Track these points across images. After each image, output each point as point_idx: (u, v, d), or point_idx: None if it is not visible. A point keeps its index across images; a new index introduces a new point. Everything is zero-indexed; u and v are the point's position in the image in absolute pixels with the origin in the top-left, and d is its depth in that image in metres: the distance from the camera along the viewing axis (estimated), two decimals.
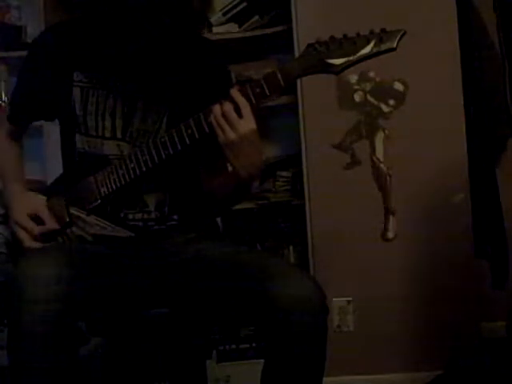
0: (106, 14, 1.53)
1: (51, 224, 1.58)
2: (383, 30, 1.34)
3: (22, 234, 1.57)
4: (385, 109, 2.40)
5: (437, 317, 2.37)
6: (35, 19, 2.65)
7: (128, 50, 1.59)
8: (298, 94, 2.42)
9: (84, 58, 1.60)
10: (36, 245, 1.56)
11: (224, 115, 1.41)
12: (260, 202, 2.63)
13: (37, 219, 1.58)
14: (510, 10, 2.36)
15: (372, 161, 2.42)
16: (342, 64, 1.36)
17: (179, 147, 1.47)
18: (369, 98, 2.40)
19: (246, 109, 1.40)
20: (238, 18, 2.61)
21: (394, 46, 1.33)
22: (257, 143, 1.43)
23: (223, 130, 1.41)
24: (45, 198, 1.63)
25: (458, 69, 2.36)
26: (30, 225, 1.57)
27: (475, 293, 2.37)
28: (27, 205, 1.59)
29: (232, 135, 1.41)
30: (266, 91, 1.40)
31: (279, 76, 1.39)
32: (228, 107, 1.41)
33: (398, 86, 2.38)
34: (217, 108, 1.42)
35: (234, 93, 1.42)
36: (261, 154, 1.45)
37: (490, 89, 2.49)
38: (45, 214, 1.58)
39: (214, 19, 2.63)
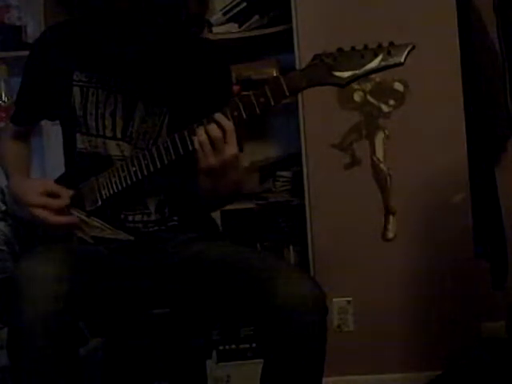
0: (105, 14, 1.53)
1: (65, 194, 1.55)
2: (391, 44, 1.33)
3: (42, 213, 1.52)
4: (385, 109, 2.40)
5: (437, 317, 2.37)
6: (35, 19, 2.65)
7: (128, 50, 1.59)
8: (298, 94, 2.42)
9: (84, 57, 1.60)
10: (61, 219, 1.53)
11: (212, 141, 1.39)
12: (260, 202, 2.63)
13: (52, 196, 1.55)
14: (510, 10, 2.36)
15: (372, 161, 2.42)
16: (348, 77, 1.35)
17: (181, 152, 1.46)
18: (369, 98, 2.40)
19: (231, 134, 1.39)
20: (238, 18, 2.61)
21: (402, 60, 1.33)
22: (237, 166, 1.43)
23: (206, 156, 1.40)
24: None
25: (458, 69, 2.36)
26: (47, 201, 1.53)
27: (475, 293, 2.37)
28: (36, 186, 1.56)
29: (214, 162, 1.39)
30: (271, 101, 1.39)
31: (284, 86, 1.38)
32: (217, 133, 1.38)
33: (398, 86, 2.38)
34: (201, 132, 1.40)
35: (219, 117, 1.39)
36: (241, 174, 1.47)
37: (490, 89, 2.49)
38: (56, 188, 1.56)
39: (213, 19, 2.63)
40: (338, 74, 1.35)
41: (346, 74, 1.35)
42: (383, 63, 1.33)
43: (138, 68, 1.59)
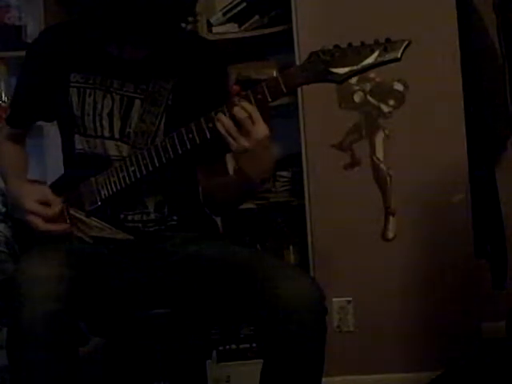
0: (103, 15, 1.53)
1: (57, 203, 1.56)
2: (388, 40, 1.33)
3: (35, 220, 1.54)
4: (385, 109, 2.40)
5: (437, 317, 2.37)
6: (35, 19, 2.65)
7: (125, 51, 1.59)
8: (298, 94, 2.42)
9: (81, 59, 1.60)
10: (51, 227, 1.54)
11: (239, 124, 1.39)
12: (260, 202, 2.63)
13: (46, 204, 1.56)
14: (510, 10, 2.36)
15: (372, 161, 2.41)
16: (345, 73, 1.35)
17: (180, 151, 1.47)
18: (369, 98, 2.40)
19: (255, 114, 1.39)
20: (238, 18, 2.61)
21: (399, 56, 1.33)
22: (270, 148, 1.43)
23: (236, 139, 1.39)
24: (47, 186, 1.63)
25: (458, 69, 2.36)
26: (41, 209, 1.54)
27: (475, 293, 2.37)
28: (33, 192, 1.57)
29: (246, 143, 1.39)
30: (268, 97, 1.39)
31: (281, 82, 1.38)
32: (243, 115, 1.38)
33: (398, 86, 2.38)
34: (224, 117, 1.40)
35: (242, 100, 1.40)
36: (272, 156, 1.46)
37: (490, 89, 2.49)
38: (49, 196, 1.56)
39: (213, 19, 2.63)
40: (334, 70, 1.36)
41: (343, 71, 1.35)
42: (380, 59, 1.33)
43: (136, 68, 1.59)
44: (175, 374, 1.94)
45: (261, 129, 1.39)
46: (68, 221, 1.57)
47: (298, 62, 2.38)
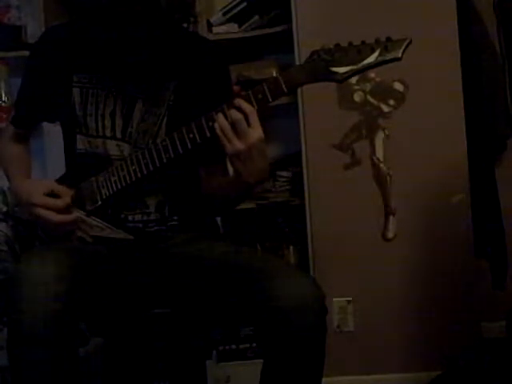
0: (104, 15, 1.53)
1: (67, 194, 1.54)
2: (388, 39, 1.33)
3: (46, 213, 1.52)
4: (385, 109, 2.40)
5: (437, 317, 2.37)
6: (35, 19, 2.65)
7: (127, 51, 1.58)
8: (298, 94, 2.42)
9: (84, 59, 1.60)
10: (64, 218, 1.52)
11: (233, 125, 1.38)
12: (260, 202, 2.63)
13: (53, 196, 1.55)
14: (510, 9, 2.36)
15: (372, 161, 2.42)
16: (346, 72, 1.35)
17: (180, 151, 1.46)
18: (369, 98, 2.40)
19: (253, 117, 1.38)
20: (238, 18, 2.61)
21: (400, 55, 1.32)
22: (264, 150, 1.42)
23: (230, 141, 1.38)
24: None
25: (457, 69, 2.36)
26: (49, 201, 1.52)
27: (475, 293, 2.37)
28: (39, 187, 1.56)
29: (241, 146, 1.38)
30: (269, 97, 1.39)
31: (282, 82, 1.38)
32: (238, 116, 1.37)
33: (398, 86, 2.38)
34: (221, 118, 1.40)
35: (240, 101, 1.39)
36: (267, 159, 1.44)
37: (490, 89, 2.49)
38: (58, 188, 1.55)
39: (213, 19, 2.63)
40: (335, 69, 1.35)
41: (344, 70, 1.35)
42: (380, 58, 1.33)
43: (138, 68, 1.59)
44: (175, 374, 1.94)
45: (256, 132, 1.38)
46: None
47: (297, 62, 2.39)
